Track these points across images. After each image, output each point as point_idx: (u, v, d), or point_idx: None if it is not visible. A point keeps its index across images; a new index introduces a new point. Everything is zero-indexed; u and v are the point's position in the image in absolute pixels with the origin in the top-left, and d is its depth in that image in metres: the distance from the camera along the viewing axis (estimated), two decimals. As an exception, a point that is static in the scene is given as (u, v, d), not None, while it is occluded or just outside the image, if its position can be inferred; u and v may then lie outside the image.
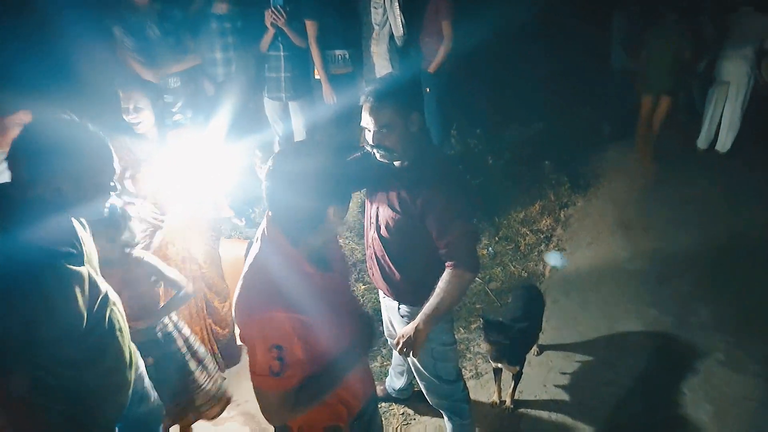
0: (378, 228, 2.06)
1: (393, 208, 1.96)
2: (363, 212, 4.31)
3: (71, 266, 1.45)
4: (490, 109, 5.58)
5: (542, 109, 5.78)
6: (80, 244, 1.51)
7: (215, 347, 2.96)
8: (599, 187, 5.01)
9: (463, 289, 1.93)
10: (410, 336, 1.85)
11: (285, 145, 3.64)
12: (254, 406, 2.89)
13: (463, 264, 1.89)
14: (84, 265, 1.50)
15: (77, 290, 1.45)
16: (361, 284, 3.75)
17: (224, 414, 2.82)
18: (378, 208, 2.04)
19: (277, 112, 4.30)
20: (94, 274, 1.54)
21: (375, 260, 2.15)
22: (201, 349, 2.41)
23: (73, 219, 1.53)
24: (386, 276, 2.12)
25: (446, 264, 1.91)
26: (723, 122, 5.20)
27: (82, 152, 1.38)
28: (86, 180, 1.40)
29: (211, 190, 3.00)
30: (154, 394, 2.08)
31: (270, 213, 1.42)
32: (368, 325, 1.62)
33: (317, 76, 4.19)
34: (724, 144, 5.23)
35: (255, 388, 1.38)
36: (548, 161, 5.11)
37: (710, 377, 2.85)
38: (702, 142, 5.35)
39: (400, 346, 1.86)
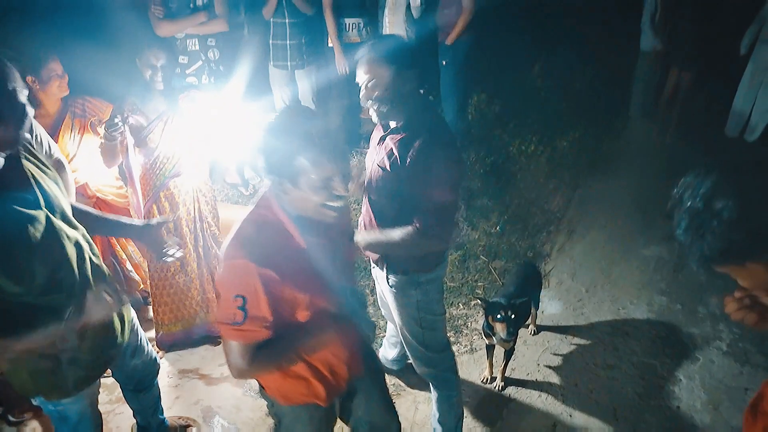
0: (370, 191, 2.05)
1: (383, 168, 1.93)
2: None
3: (23, 209, 1.44)
4: (509, 85, 5.43)
5: (565, 88, 5.62)
6: (37, 189, 1.50)
7: None
8: (618, 168, 4.85)
9: (409, 246, 1.91)
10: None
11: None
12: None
13: (425, 232, 1.85)
14: (41, 209, 1.49)
15: (30, 234, 1.44)
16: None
17: (217, 375, 2.89)
18: (372, 170, 2.02)
19: (282, 80, 4.25)
20: (57, 220, 1.54)
21: (363, 224, 2.14)
22: None
23: (31, 166, 1.53)
24: None
25: (414, 223, 1.87)
26: (755, 110, 4.94)
27: None
28: None
29: (219, 154, 3.02)
30: (148, 348, 2.13)
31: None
32: (362, 303, 1.59)
33: (330, 45, 4.13)
34: (753, 132, 4.98)
35: (221, 335, 1.42)
36: (567, 141, 4.97)
37: (710, 366, 2.76)
38: (730, 130, 5.11)
39: None
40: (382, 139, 1.98)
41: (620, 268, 3.63)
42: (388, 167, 1.92)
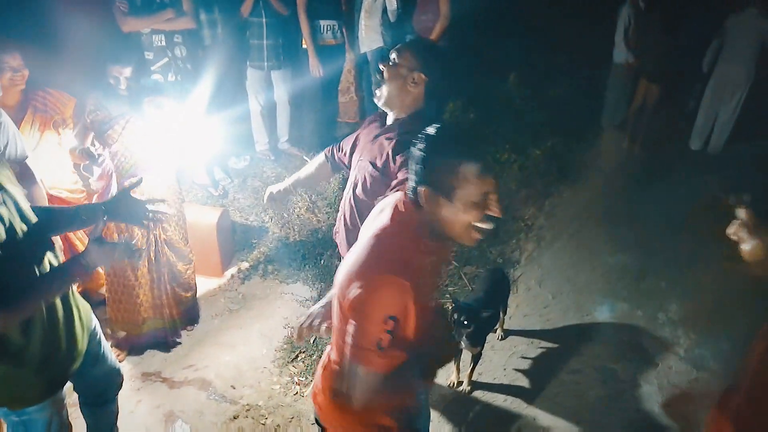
0: (354, 187, 2.05)
1: (374, 166, 1.95)
2: (344, 188, 4.33)
3: None
4: (484, 93, 5.50)
5: (539, 97, 5.72)
6: None
7: (176, 311, 2.96)
8: (588, 179, 4.95)
9: None
10: None
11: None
12: (213, 372, 2.92)
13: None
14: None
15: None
16: (336, 260, 3.74)
17: (180, 378, 2.85)
18: (359, 167, 2.03)
19: (259, 82, 4.24)
20: (13, 218, 1.51)
21: (343, 221, 2.13)
22: None
23: None
24: (350, 237, 2.09)
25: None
26: (717, 124, 5.12)
27: None
28: None
29: (188, 155, 2.99)
30: (111, 357, 2.07)
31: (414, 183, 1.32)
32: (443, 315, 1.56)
33: (304, 46, 4.12)
34: (716, 145, 5.15)
35: (351, 363, 1.27)
36: (538, 150, 5.06)
37: (667, 371, 2.83)
38: (694, 143, 5.28)
39: None
40: (376, 137, 1.99)
41: (586, 276, 3.70)
42: (379, 165, 1.93)
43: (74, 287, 1.78)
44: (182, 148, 2.79)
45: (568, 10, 5.79)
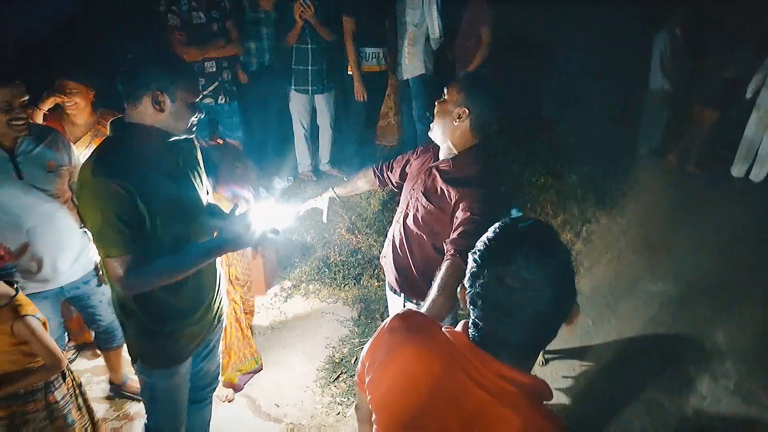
0: (406, 216, 2.10)
1: (428, 199, 2.00)
2: (383, 210, 4.39)
3: None
4: (521, 117, 5.54)
5: (575, 123, 5.73)
6: None
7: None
8: (625, 205, 4.92)
9: (459, 280, 1.88)
10: None
11: None
12: (257, 390, 2.98)
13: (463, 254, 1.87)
14: None
15: None
16: (375, 281, 3.79)
17: (224, 395, 2.90)
18: (413, 197, 2.07)
19: (303, 105, 4.38)
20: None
21: (391, 246, 2.18)
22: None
23: None
24: (398, 263, 2.14)
25: (447, 251, 1.81)
26: (760, 152, 5.06)
27: None
28: None
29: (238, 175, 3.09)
30: (219, 356, 2.22)
31: None
32: None
33: (349, 72, 4.25)
34: (758, 174, 5.09)
35: None
36: (576, 175, 5.06)
37: (717, 405, 2.79)
38: (736, 170, 5.21)
39: None
40: (429, 169, 2.04)
41: (627, 303, 3.67)
42: (433, 199, 1.98)
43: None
44: (236, 168, 2.89)
45: (605, 35, 5.82)
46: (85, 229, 2.33)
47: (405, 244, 2.10)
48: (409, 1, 4.29)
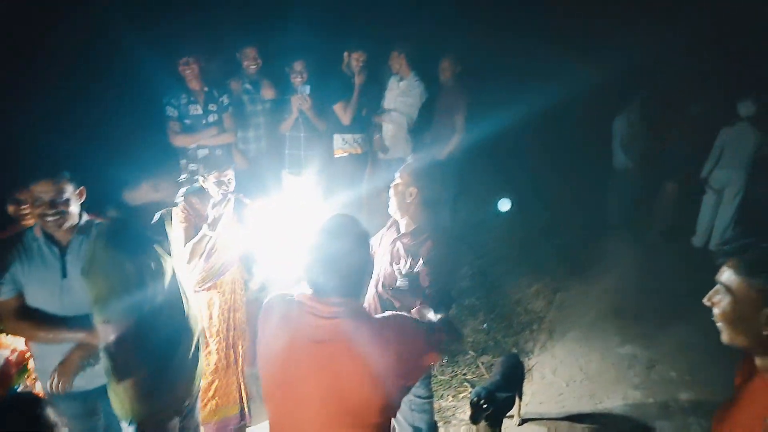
0: (377, 283, 2.39)
1: (393, 267, 2.32)
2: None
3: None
4: (493, 194, 5.97)
5: (546, 200, 6.17)
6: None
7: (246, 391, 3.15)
8: (595, 274, 5.25)
9: None
10: None
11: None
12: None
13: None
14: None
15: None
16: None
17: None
18: (382, 266, 2.39)
19: (295, 186, 4.76)
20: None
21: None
22: None
23: None
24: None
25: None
26: (716, 224, 5.50)
27: None
28: None
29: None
30: (198, 416, 2.35)
31: None
32: None
33: (336, 155, 4.69)
34: (716, 244, 5.47)
35: None
36: (548, 247, 5.42)
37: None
38: (697, 241, 5.62)
39: None
40: (393, 241, 2.38)
41: (597, 365, 3.90)
42: (398, 268, 2.30)
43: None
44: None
45: (571, 119, 6.40)
46: None
47: (379, 308, 2.38)
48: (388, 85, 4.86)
